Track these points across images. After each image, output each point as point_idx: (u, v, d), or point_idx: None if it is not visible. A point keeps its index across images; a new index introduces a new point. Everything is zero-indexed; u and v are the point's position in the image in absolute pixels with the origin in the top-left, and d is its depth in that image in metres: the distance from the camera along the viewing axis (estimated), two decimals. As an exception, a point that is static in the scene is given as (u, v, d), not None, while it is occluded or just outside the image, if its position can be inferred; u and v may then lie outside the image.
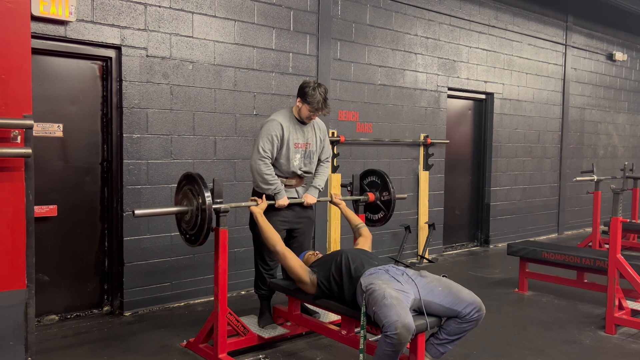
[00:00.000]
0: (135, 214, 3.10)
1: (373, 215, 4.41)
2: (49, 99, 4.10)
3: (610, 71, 9.54)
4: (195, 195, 3.26)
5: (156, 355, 3.61)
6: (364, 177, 4.45)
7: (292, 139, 3.79)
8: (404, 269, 3.25)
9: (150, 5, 4.41)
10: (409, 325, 2.68)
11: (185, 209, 3.31)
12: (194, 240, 3.31)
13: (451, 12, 6.79)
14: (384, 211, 4.31)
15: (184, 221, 3.37)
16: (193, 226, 3.28)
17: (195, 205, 3.25)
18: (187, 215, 3.32)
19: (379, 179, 4.34)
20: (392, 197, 4.26)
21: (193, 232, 3.30)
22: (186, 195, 3.34)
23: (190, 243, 3.36)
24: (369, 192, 4.32)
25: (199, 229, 3.24)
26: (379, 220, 4.38)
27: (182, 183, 3.40)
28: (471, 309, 2.96)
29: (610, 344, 3.94)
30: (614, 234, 4.10)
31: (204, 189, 3.20)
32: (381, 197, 4.31)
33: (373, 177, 4.40)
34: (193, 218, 3.27)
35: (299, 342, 3.87)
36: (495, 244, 7.62)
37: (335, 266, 3.30)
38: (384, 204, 4.30)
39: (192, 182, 3.30)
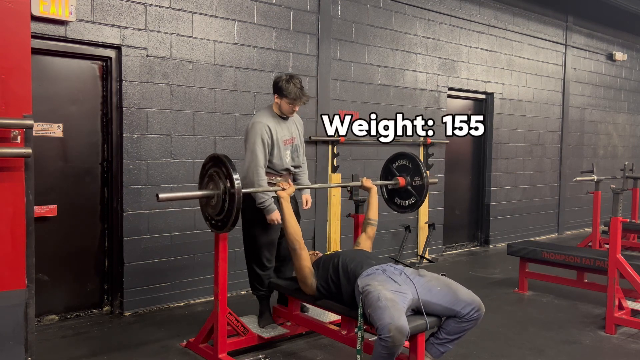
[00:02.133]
0: (159, 198, 2.97)
1: (403, 201, 4.14)
2: (49, 99, 4.10)
3: (610, 71, 9.54)
4: (222, 178, 3.10)
5: (156, 355, 3.61)
6: (394, 160, 4.23)
7: (280, 136, 3.77)
8: (402, 268, 3.24)
9: (150, 5, 4.41)
10: (402, 328, 2.68)
11: (212, 193, 3.15)
12: (221, 226, 3.15)
13: (451, 12, 6.79)
14: (415, 197, 4.06)
15: (209, 206, 3.20)
16: (220, 211, 3.12)
17: (222, 188, 3.09)
18: (213, 200, 3.16)
19: (410, 162, 4.10)
20: (424, 182, 4.00)
21: (220, 218, 3.14)
22: (212, 178, 3.17)
23: (216, 229, 3.21)
24: (399, 177, 4.10)
25: (227, 214, 3.08)
26: (409, 206, 4.13)
27: (207, 165, 3.24)
28: (470, 309, 2.96)
29: (610, 344, 3.94)
30: (614, 234, 4.10)
31: (232, 171, 3.03)
32: (412, 182, 4.05)
33: (403, 161, 4.15)
34: (220, 202, 3.10)
35: (299, 342, 3.87)
36: (495, 244, 7.62)
37: (333, 268, 3.31)
38: (416, 190, 4.05)
39: (219, 164, 3.12)
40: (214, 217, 3.20)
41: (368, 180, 3.96)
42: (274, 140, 3.73)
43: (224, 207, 3.10)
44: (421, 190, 4.04)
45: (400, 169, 4.19)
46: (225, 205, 3.08)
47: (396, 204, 4.22)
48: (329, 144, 5.64)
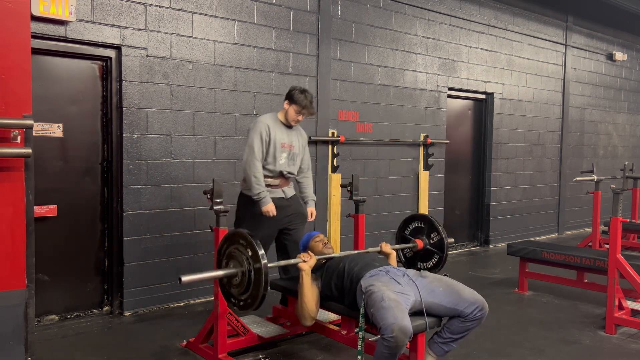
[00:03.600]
0: (182, 281, 2.82)
1: (426, 263, 3.99)
2: (49, 99, 4.10)
3: (610, 71, 9.54)
4: (243, 252, 2.95)
5: (156, 355, 3.61)
6: (405, 227, 4.11)
7: (279, 138, 3.92)
8: (405, 269, 3.25)
9: (150, 5, 4.41)
10: (405, 328, 2.68)
11: (234, 271, 2.97)
12: (250, 304, 2.94)
13: (451, 12, 6.79)
14: (437, 254, 3.92)
15: (233, 286, 3.02)
16: (246, 289, 2.94)
17: (245, 264, 2.93)
18: (236, 279, 2.98)
19: (423, 222, 4.04)
20: (442, 236, 3.90)
21: (247, 295, 2.96)
22: (232, 256, 3.02)
23: (244, 309, 3.00)
24: (416, 239, 3.98)
25: (254, 290, 2.90)
26: (434, 266, 3.94)
27: (223, 247, 3.10)
28: (474, 308, 2.96)
29: (610, 344, 3.94)
30: (614, 234, 4.10)
31: (254, 243, 2.88)
32: (430, 241, 3.97)
33: (416, 224, 4.07)
34: (245, 279, 2.93)
35: (299, 342, 3.87)
36: (495, 244, 7.62)
37: (338, 275, 3.30)
38: (435, 246, 3.94)
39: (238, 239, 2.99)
40: (238, 297, 3.02)
41: (387, 246, 3.76)
42: (271, 139, 3.89)
43: (249, 283, 2.92)
44: (441, 245, 3.92)
45: (414, 233, 4.07)
46: (251, 279, 2.91)
47: (419, 268, 4.01)
48: (329, 144, 5.64)
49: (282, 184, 4.02)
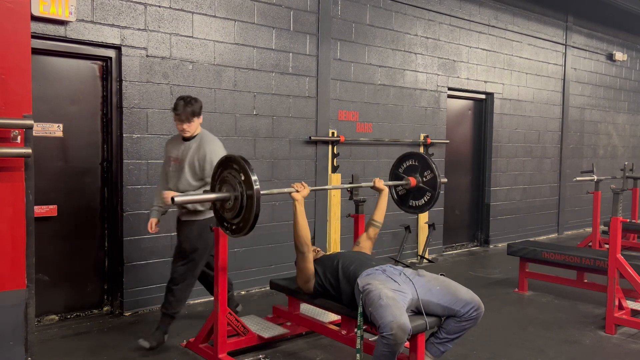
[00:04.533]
0: (174, 201, 2.95)
1: (417, 201, 4.06)
2: (49, 99, 4.10)
3: (610, 71, 9.54)
4: (237, 178, 2.98)
5: (156, 355, 3.61)
6: (399, 164, 4.17)
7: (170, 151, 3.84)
8: (402, 268, 3.25)
9: (150, 5, 4.41)
10: (404, 326, 2.68)
11: (227, 195, 3.01)
12: (241, 228, 3.01)
13: (451, 12, 6.79)
14: (430, 191, 3.97)
15: (225, 210, 3.07)
16: (238, 213, 2.98)
17: (239, 190, 2.95)
18: (229, 203, 3.02)
19: (417, 160, 4.06)
20: (436, 174, 3.91)
21: (238, 220, 3.01)
22: (225, 181, 3.05)
23: (235, 233, 3.08)
24: (409, 177, 4.03)
25: (245, 215, 2.95)
26: (426, 203, 4.01)
27: (217, 170, 3.15)
28: (470, 308, 2.96)
29: (610, 344, 3.94)
30: (614, 234, 4.10)
31: (248, 169, 2.91)
32: (423, 179, 3.99)
33: (410, 161, 4.10)
34: (237, 204, 2.97)
35: (299, 342, 3.87)
36: (495, 244, 7.62)
37: (332, 272, 3.31)
38: (428, 184, 3.96)
39: (233, 164, 3.02)
40: (231, 221, 3.07)
41: (380, 181, 3.87)
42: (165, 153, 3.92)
43: (242, 208, 2.97)
44: (434, 184, 3.95)
45: (407, 171, 4.12)
46: (244, 203, 2.95)
47: (411, 206, 4.11)
48: (329, 144, 5.64)
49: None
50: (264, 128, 5.14)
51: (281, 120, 5.25)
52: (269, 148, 5.19)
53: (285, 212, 5.33)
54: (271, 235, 5.24)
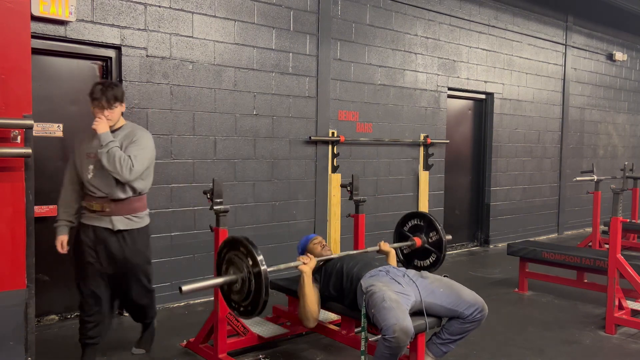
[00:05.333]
0: (182, 291, 2.78)
1: (422, 261, 4.02)
2: (49, 99, 4.10)
3: (610, 71, 9.54)
4: (243, 260, 2.91)
5: (156, 355, 3.61)
6: (404, 223, 4.14)
7: (84, 149, 3.22)
8: (405, 270, 3.25)
9: (150, 5, 4.41)
10: (407, 329, 2.68)
11: (234, 278, 2.93)
12: (251, 311, 2.91)
13: (451, 12, 6.79)
14: (435, 253, 3.95)
15: (234, 293, 2.99)
16: (247, 296, 2.90)
17: (245, 271, 2.89)
18: (236, 285, 2.94)
19: (422, 220, 4.05)
20: (441, 236, 3.92)
21: (248, 302, 2.92)
22: (231, 262, 2.98)
23: (246, 315, 2.97)
24: (414, 237, 4.01)
25: (255, 297, 2.86)
26: (431, 264, 3.97)
27: (222, 252, 3.06)
28: (473, 310, 2.96)
29: (610, 344, 3.94)
30: (614, 234, 4.10)
31: (253, 249, 2.84)
32: (428, 240, 3.99)
33: (415, 221, 4.09)
34: (245, 286, 2.89)
35: (299, 342, 3.87)
36: (495, 244, 7.62)
37: (336, 276, 3.30)
38: (434, 246, 3.97)
39: (237, 245, 2.95)
40: (241, 304, 2.98)
41: (385, 244, 3.78)
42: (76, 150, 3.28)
43: (250, 290, 2.88)
44: (439, 245, 3.93)
45: (412, 230, 4.08)
46: (252, 287, 2.87)
47: (416, 265, 4.05)
48: (329, 144, 5.64)
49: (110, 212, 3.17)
50: (264, 128, 5.14)
51: (281, 120, 5.25)
52: (269, 148, 5.19)
53: (285, 212, 5.33)
54: (271, 235, 5.24)
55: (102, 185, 3.15)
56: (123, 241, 3.19)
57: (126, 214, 3.19)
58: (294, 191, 5.41)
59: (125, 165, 3.03)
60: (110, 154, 3.02)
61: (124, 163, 3.02)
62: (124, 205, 3.19)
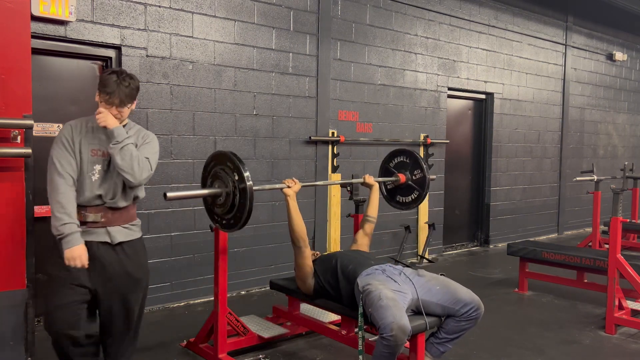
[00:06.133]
0: (167, 197, 2.83)
1: (405, 197, 4.12)
2: (49, 99, 4.10)
3: (610, 71, 9.54)
4: (229, 174, 2.95)
5: (156, 355, 3.61)
6: (390, 159, 4.22)
7: (86, 143, 2.68)
8: (402, 268, 3.25)
9: (150, 5, 4.41)
10: (404, 327, 2.68)
11: (219, 191, 2.99)
12: (233, 224, 2.99)
13: (451, 12, 6.79)
14: (418, 190, 4.03)
15: (216, 206, 3.06)
16: (230, 209, 2.97)
17: (230, 185, 2.94)
18: (220, 198, 3.01)
19: (408, 157, 4.10)
20: (425, 174, 3.99)
21: (231, 215, 2.99)
22: (217, 176, 3.02)
23: (228, 228, 3.05)
24: (399, 174, 4.09)
25: (238, 211, 2.92)
26: (412, 201, 4.09)
27: (209, 165, 3.12)
28: (469, 308, 2.96)
29: (610, 344, 3.94)
30: (614, 234, 4.10)
31: (240, 164, 2.88)
32: (412, 177, 4.05)
33: (400, 158, 4.15)
34: (229, 200, 2.95)
35: (299, 342, 3.87)
36: (495, 244, 7.62)
37: (331, 271, 3.31)
38: (417, 183, 4.03)
39: (225, 160, 2.99)
40: (223, 217, 3.06)
41: (370, 177, 3.92)
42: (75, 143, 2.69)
43: (234, 204, 2.94)
44: (423, 183, 4.01)
45: (398, 167, 4.17)
46: (236, 202, 2.92)
47: (399, 201, 4.18)
48: (329, 144, 5.64)
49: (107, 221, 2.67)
50: (264, 128, 5.14)
51: (281, 120, 5.25)
52: (269, 148, 5.19)
53: (285, 212, 5.32)
54: (271, 235, 5.24)
55: (109, 189, 2.66)
56: (124, 254, 2.69)
57: (123, 223, 2.72)
58: (294, 191, 5.40)
59: (144, 166, 2.62)
60: (127, 152, 2.56)
61: (142, 164, 2.61)
62: (121, 213, 2.71)
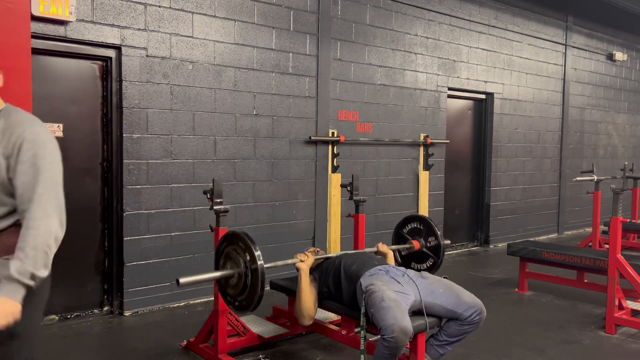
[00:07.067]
0: (179, 283, 2.87)
1: (420, 265, 4.04)
2: (49, 99, 4.10)
3: (610, 71, 9.54)
4: (240, 254, 2.96)
5: (156, 355, 3.61)
6: (404, 225, 4.15)
7: None
8: (405, 269, 3.25)
9: (150, 5, 4.41)
10: (406, 329, 2.68)
11: (231, 272, 2.99)
12: (246, 306, 2.97)
13: (451, 12, 6.79)
14: (433, 258, 3.97)
15: (230, 287, 3.05)
16: (242, 290, 2.97)
17: (242, 267, 2.94)
18: (233, 280, 3.00)
19: (422, 224, 4.05)
20: (440, 241, 3.93)
21: (243, 297, 2.98)
22: (229, 257, 3.03)
23: (241, 310, 3.03)
24: (413, 240, 4.03)
25: (250, 291, 2.92)
26: (428, 269, 3.97)
27: (221, 246, 3.12)
28: (472, 312, 2.96)
29: (610, 344, 3.94)
30: (614, 234, 4.10)
31: (251, 245, 2.88)
32: (427, 244, 4.00)
33: (414, 224, 4.09)
34: (241, 281, 2.95)
35: (299, 342, 3.87)
36: (495, 244, 7.62)
37: (334, 273, 3.30)
38: (432, 251, 3.97)
39: (236, 240, 3.00)
40: (237, 298, 3.03)
41: (384, 246, 3.80)
42: None
43: (246, 285, 2.94)
44: (437, 251, 3.95)
45: (411, 233, 4.09)
46: (248, 282, 2.92)
47: (413, 268, 4.05)
48: (329, 144, 5.64)
49: None
50: (264, 128, 5.14)
51: (281, 120, 5.25)
52: (269, 148, 5.19)
53: (285, 212, 5.34)
54: (271, 235, 5.24)
55: None
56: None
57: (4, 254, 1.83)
58: (294, 191, 5.41)
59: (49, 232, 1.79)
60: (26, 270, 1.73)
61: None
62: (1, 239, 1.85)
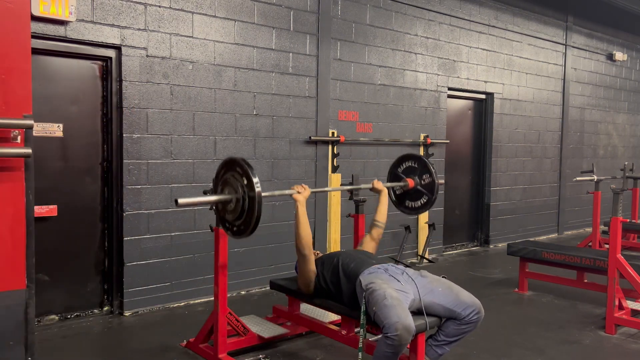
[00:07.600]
0: (178, 203, 2.89)
1: (414, 202, 4.11)
2: (49, 99, 4.10)
3: (610, 71, 9.54)
4: (239, 180, 2.98)
5: (156, 355, 3.61)
6: (399, 164, 4.20)
7: None
8: (404, 268, 3.25)
9: (150, 5, 4.41)
10: (409, 327, 2.68)
11: (229, 197, 3.02)
12: (243, 230, 3.02)
13: (451, 12, 6.79)
14: (427, 195, 4.02)
15: (227, 212, 3.08)
16: (240, 215, 2.99)
17: (240, 192, 2.96)
18: (230, 205, 3.03)
19: (416, 162, 4.10)
20: (434, 179, 3.98)
21: (240, 222, 3.02)
22: (227, 183, 3.06)
23: (238, 235, 3.07)
24: (407, 179, 4.08)
25: (247, 217, 2.95)
26: (422, 206, 4.08)
27: (220, 172, 3.14)
28: (470, 311, 2.96)
29: (610, 344, 3.94)
30: (614, 234, 4.10)
31: (249, 171, 2.91)
32: (421, 182, 4.04)
33: (409, 163, 4.14)
34: (239, 206, 2.98)
35: (299, 342, 3.87)
36: (495, 244, 7.62)
37: (332, 270, 3.31)
38: (426, 188, 4.02)
39: (235, 166, 3.02)
40: (233, 223, 3.07)
41: (379, 183, 3.91)
42: None
43: (243, 210, 2.96)
44: (432, 188, 4.00)
45: (406, 172, 4.15)
46: (245, 207, 2.95)
47: (407, 206, 4.15)
48: (329, 143, 5.64)
49: None
50: (264, 128, 5.14)
51: (281, 120, 5.25)
52: (269, 148, 5.19)
53: (285, 212, 5.33)
54: (271, 235, 5.24)
55: None
56: None
57: None
58: (294, 191, 5.40)
59: None
60: None
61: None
62: None
